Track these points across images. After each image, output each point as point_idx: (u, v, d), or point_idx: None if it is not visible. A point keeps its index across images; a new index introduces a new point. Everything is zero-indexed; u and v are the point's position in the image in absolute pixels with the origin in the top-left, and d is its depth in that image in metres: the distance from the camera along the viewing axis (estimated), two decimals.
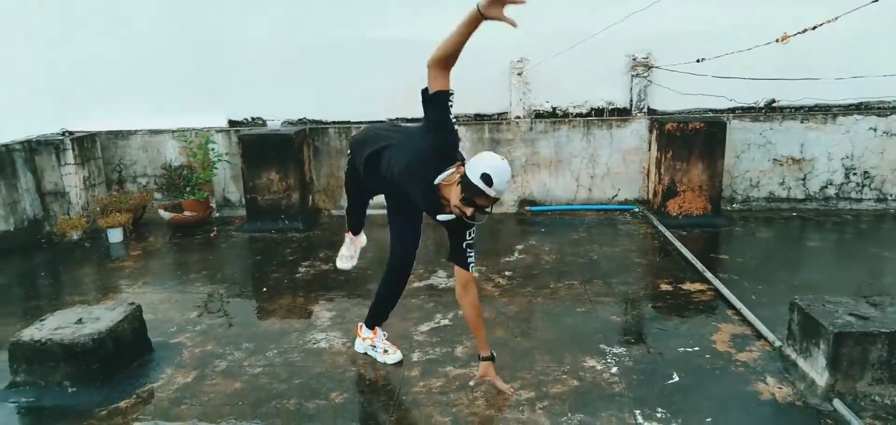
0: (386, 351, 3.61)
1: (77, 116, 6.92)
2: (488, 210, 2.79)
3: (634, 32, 6.37)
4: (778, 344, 3.59)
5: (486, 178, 2.65)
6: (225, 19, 6.82)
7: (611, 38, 6.45)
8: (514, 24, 2.46)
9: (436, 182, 2.79)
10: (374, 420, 3.11)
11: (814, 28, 3.16)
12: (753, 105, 6.54)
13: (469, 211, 2.73)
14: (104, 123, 7.00)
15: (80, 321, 3.57)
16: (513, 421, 3.01)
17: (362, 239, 3.79)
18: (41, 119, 6.77)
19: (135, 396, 3.36)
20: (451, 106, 2.78)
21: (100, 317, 3.62)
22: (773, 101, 6.43)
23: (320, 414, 3.13)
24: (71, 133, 6.66)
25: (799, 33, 3.27)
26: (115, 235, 6.12)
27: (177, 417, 3.15)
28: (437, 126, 2.78)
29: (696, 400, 3.17)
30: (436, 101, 2.72)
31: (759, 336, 3.79)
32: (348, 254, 3.75)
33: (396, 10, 6.52)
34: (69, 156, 6.43)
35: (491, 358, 3.19)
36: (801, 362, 3.32)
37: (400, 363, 3.56)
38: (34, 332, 3.46)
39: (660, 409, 3.07)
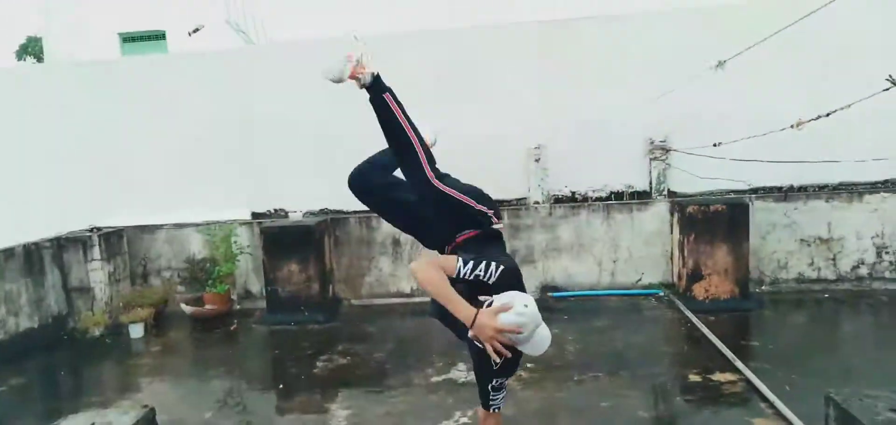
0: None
1: (105, 212, 7.10)
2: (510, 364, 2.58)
3: (651, 117, 6.46)
4: None
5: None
6: (250, 115, 7.05)
7: (628, 123, 6.55)
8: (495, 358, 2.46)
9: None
10: None
11: (828, 114, 3.13)
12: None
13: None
14: (131, 219, 7.16)
15: None
16: None
17: None
18: (70, 216, 6.95)
19: None
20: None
21: (112, 423, 3.57)
22: (791, 186, 6.38)
23: None
24: (98, 229, 6.81)
25: (813, 119, 3.24)
26: (137, 330, 6.15)
27: None
28: None
29: None
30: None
31: None
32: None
33: (416, 106, 6.66)
34: (96, 252, 6.55)
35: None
36: None
37: None
38: None
39: None
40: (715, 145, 5.11)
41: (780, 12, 4.19)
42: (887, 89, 2.55)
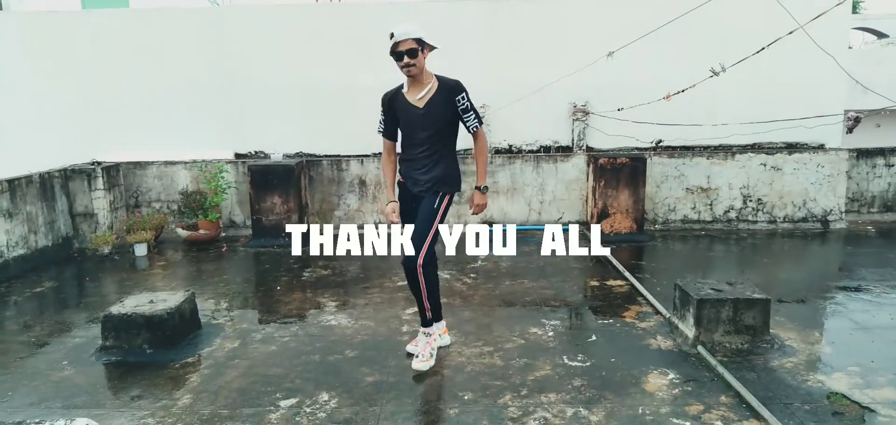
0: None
1: (103, 149, 8.07)
2: (405, 57, 3.83)
3: (575, 85, 7.90)
4: (668, 315, 4.97)
5: (390, 35, 3.81)
6: (236, 67, 8.11)
7: (556, 89, 7.97)
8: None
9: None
10: (378, 363, 4.34)
11: (683, 91, 4.59)
12: (650, 144, 8.09)
13: (399, 65, 3.88)
14: (126, 155, 8.14)
15: (151, 302, 4.74)
16: (478, 364, 4.29)
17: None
18: (72, 150, 7.89)
19: (197, 355, 4.52)
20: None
21: (166, 299, 4.79)
22: (660, 140, 8.07)
23: (339, 362, 4.36)
24: (99, 163, 7.77)
25: (676, 93, 4.70)
26: (141, 249, 7.23)
27: (233, 367, 4.33)
28: None
29: (605, 350, 4.50)
30: None
31: (657, 312, 5.17)
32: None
33: (381, 62, 7.87)
34: (100, 182, 7.54)
35: (484, 189, 4.22)
36: (680, 324, 4.70)
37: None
38: (119, 309, 4.61)
39: (580, 355, 4.40)
40: (619, 109, 6.60)
41: (675, 5, 5.61)
42: (711, 77, 4.00)
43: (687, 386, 3.91)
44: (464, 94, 3.99)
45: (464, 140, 4.47)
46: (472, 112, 4.02)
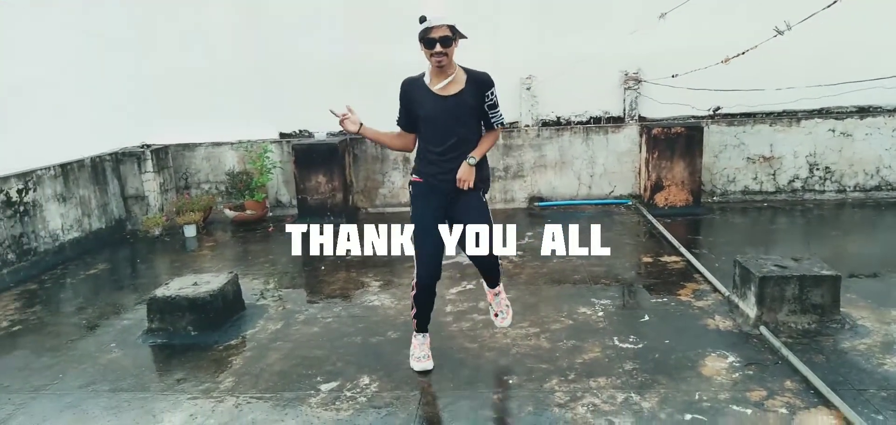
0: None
1: (151, 132, 8.17)
2: (438, 46, 3.36)
3: (625, 52, 7.53)
4: (727, 294, 4.67)
5: (421, 19, 3.35)
6: (278, 46, 8.06)
7: (606, 57, 7.62)
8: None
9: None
10: None
11: (744, 53, 4.26)
12: (707, 111, 7.62)
13: (429, 53, 3.39)
14: (173, 137, 8.23)
15: (195, 284, 4.74)
16: (523, 346, 4.12)
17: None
18: (121, 134, 8.02)
19: (241, 337, 4.50)
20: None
21: (210, 281, 4.78)
22: (719, 107, 7.57)
23: (381, 344, 4.26)
24: (148, 146, 7.89)
25: (736, 56, 4.37)
26: (190, 231, 7.32)
27: (275, 350, 4.29)
28: None
29: (660, 330, 4.26)
30: None
31: (715, 290, 4.87)
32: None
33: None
34: (149, 165, 7.66)
35: (472, 162, 3.56)
36: (740, 303, 4.41)
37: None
38: (164, 291, 4.63)
39: (632, 336, 4.17)
40: (673, 76, 6.23)
41: None
42: (775, 37, 3.67)
43: (748, 370, 3.64)
44: (493, 89, 3.60)
45: None
46: (498, 108, 3.65)
